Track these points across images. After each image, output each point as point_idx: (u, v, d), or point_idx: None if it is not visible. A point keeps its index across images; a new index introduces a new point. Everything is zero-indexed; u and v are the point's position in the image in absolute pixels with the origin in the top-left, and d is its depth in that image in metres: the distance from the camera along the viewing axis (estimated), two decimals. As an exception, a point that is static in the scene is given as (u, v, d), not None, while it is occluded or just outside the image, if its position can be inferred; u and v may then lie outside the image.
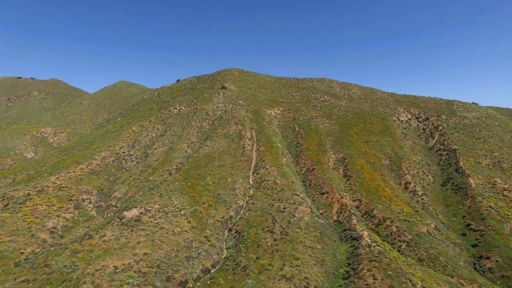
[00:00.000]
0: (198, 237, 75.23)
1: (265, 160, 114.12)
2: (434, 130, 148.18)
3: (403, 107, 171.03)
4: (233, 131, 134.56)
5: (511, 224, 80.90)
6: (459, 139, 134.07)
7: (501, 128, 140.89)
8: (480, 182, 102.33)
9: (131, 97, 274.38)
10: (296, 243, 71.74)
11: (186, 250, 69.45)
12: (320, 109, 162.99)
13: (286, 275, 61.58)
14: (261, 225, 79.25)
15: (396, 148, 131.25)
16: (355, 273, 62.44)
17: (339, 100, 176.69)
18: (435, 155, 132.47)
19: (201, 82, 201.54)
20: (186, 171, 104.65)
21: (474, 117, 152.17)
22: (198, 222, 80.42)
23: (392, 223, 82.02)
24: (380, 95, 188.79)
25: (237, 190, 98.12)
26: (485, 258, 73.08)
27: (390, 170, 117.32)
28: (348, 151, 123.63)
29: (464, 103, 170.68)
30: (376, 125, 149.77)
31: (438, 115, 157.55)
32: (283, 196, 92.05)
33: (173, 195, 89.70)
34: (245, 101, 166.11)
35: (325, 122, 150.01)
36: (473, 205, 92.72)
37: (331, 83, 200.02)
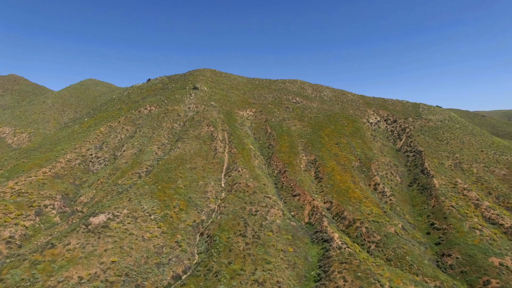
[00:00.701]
0: (168, 242, 73.51)
1: (237, 162, 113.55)
2: (401, 132, 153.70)
3: (373, 109, 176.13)
4: (205, 133, 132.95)
5: (469, 222, 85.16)
6: (425, 141, 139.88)
7: (462, 131, 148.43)
8: (443, 183, 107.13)
9: (99, 96, 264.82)
10: (268, 247, 71.79)
11: (156, 257, 67.64)
12: (292, 111, 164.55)
13: (258, 280, 61.41)
14: (233, 229, 78.69)
15: (366, 150, 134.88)
16: (326, 275, 63.32)
17: (311, 102, 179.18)
18: (402, 157, 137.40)
19: (172, 82, 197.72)
20: (156, 174, 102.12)
21: (438, 119, 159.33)
22: (169, 227, 78.61)
23: (362, 224, 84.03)
24: (351, 97, 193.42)
25: (209, 193, 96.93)
26: (446, 256, 76.51)
27: (360, 171, 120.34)
28: (320, 153, 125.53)
29: (429, 106, 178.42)
30: (346, 127, 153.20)
31: (405, 117, 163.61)
32: (255, 199, 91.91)
33: (143, 199, 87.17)
34: (217, 102, 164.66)
35: (297, 123, 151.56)
36: (437, 205, 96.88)
37: (303, 85, 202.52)
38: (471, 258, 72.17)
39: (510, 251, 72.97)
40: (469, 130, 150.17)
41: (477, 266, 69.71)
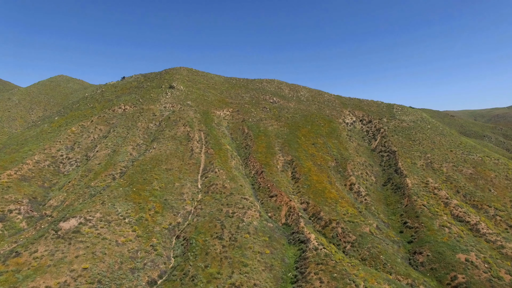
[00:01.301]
0: (144, 246, 71.95)
1: (214, 163, 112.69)
2: (376, 132, 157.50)
3: (349, 109, 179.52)
4: (181, 133, 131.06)
5: (439, 221, 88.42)
6: (398, 141, 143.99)
7: (433, 131, 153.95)
8: (415, 182, 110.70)
9: (70, 93, 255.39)
10: (245, 249, 71.64)
11: (130, 261, 66.01)
12: (269, 111, 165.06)
13: (235, 283, 61.15)
14: (210, 232, 78.00)
15: (342, 150, 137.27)
16: (303, 277, 63.94)
17: (288, 101, 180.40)
18: (377, 156, 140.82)
19: (148, 80, 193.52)
20: (131, 175, 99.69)
21: (410, 120, 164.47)
22: (144, 230, 76.94)
23: (338, 225, 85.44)
24: (327, 97, 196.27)
25: (185, 194, 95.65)
26: (418, 253, 79.12)
27: (336, 171, 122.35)
28: (297, 153, 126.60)
29: (403, 106, 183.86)
30: (323, 127, 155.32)
31: (380, 118, 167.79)
32: (232, 201, 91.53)
33: (117, 202, 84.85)
34: (193, 101, 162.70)
35: (274, 124, 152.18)
36: (410, 204, 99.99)
37: (280, 85, 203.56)
38: (440, 255, 74.95)
39: (474, 247, 76.38)
40: (440, 131, 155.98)
41: (446, 262, 72.48)
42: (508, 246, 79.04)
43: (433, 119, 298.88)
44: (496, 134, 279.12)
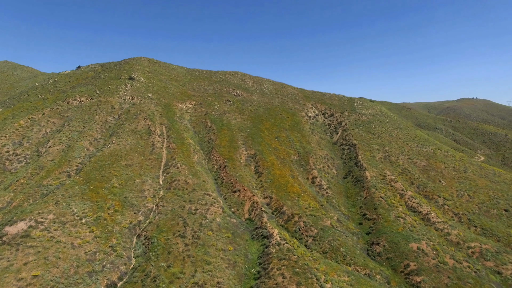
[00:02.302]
0: (102, 247, 69.13)
1: (176, 158, 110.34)
2: (338, 125, 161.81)
3: (311, 103, 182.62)
4: (142, 127, 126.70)
5: (395, 212, 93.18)
6: (359, 134, 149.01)
7: (391, 125, 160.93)
8: (374, 175, 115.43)
9: (18, 82, 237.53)
10: (208, 247, 71.22)
11: (88, 264, 63.22)
12: (232, 104, 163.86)
13: (198, 282, 60.72)
14: (172, 230, 76.58)
15: (304, 144, 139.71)
16: (266, 272, 64.78)
17: (251, 94, 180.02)
18: (338, 150, 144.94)
19: (106, 70, 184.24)
20: (88, 172, 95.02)
21: (370, 114, 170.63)
22: (103, 231, 73.88)
23: (300, 219, 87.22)
24: (291, 90, 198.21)
25: (146, 191, 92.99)
26: (375, 244, 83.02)
27: (299, 165, 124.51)
28: (260, 147, 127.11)
29: (363, 100, 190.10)
30: (286, 120, 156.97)
31: (341, 111, 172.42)
32: (195, 197, 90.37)
33: (73, 201, 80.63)
34: (155, 94, 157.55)
35: (237, 117, 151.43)
36: (368, 196, 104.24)
37: (243, 77, 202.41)
38: (395, 245, 79.15)
39: (425, 236, 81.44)
40: (397, 124, 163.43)
41: (400, 252, 76.71)
42: (453, 233, 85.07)
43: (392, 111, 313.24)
44: (446, 126, 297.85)
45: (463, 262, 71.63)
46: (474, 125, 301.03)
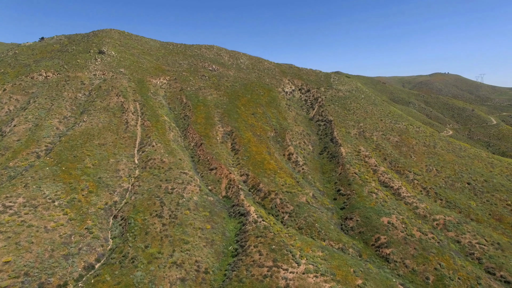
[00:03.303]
0: (78, 229, 68.20)
1: (151, 136, 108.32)
2: (314, 101, 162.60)
3: (288, 78, 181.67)
4: (114, 104, 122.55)
5: (368, 187, 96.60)
6: (334, 110, 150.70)
7: (366, 101, 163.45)
8: (349, 151, 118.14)
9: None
10: (186, 226, 71.80)
11: (63, 247, 62.43)
12: (208, 79, 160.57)
13: (177, 262, 61.57)
14: (149, 210, 76.37)
15: (281, 120, 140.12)
16: (243, 250, 66.39)
17: (227, 69, 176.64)
18: (314, 125, 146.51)
19: (73, 43, 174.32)
20: (58, 152, 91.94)
21: (346, 90, 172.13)
22: (77, 213, 72.63)
23: (276, 196, 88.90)
24: (267, 65, 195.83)
25: (121, 171, 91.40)
26: (349, 219, 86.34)
27: (275, 142, 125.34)
28: (236, 124, 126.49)
29: (339, 76, 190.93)
30: (263, 96, 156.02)
31: (318, 87, 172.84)
32: (171, 176, 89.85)
33: (44, 183, 78.31)
34: (127, 69, 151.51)
35: (213, 93, 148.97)
36: (343, 172, 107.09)
37: (219, 51, 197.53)
38: (367, 219, 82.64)
39: (395, 210, 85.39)
40: (372, 100, 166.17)
41: (372, 226, 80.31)
42: (421, 206, 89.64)
43: (367, 86, 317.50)
44: (419, 101, 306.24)
45: (428, 234, 76.05)
46: (444, 100, 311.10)
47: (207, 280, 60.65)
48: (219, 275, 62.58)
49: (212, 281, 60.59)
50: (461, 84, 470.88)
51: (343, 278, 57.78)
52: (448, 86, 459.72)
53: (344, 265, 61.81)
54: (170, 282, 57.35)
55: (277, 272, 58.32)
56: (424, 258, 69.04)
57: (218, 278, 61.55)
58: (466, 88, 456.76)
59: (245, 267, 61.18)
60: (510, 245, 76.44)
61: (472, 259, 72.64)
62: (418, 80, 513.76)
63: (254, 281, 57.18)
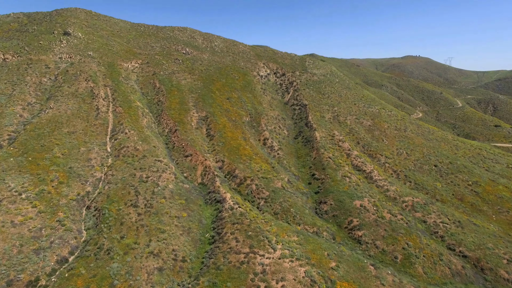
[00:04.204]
0: (48, 222, 66.28)
1: (124, 123, 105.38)
2: (289, 85, 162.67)
3: (263, 62, 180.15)
4: (84, 89, 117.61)
5: (342, 171, 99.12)
6: (309, 94, 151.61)
7: (340, 85, 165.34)
8: (323, 135, 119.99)
9: None
10: (162, 215, 71.40)
11: (33, 242, 60.67)
12: (182, 63, 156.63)
13: (154, 251, 61.42)
14: (123, 199, 75.13)
15: (256, 104, 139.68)
16: (220, 237, 67.04)
17: (201, 53, 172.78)
18: (289, 110, 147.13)
19: (33, 23, 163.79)
20: (24, 142, 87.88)
21: (321, 74, 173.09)
22: (47, 205, 70.39)
23: (252, 182, 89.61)
24: (242, 48, 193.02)
25: (93, 160, 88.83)
26: (323, 203, 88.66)
27: (251, 127, 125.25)
28: (211, 109, 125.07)
29: (314, 60, 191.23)
30: (237, 80, 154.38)
31: (293, 71, 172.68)
32: (146, 164, 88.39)
33: (8, 175, 74.99)
34: (96, 52, 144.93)
35: (187, 77, 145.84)
36: (317, 156, 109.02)
37: (193, 34, 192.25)
38: (341, 203, 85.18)
39: (367, 193, 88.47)
40: (346, 84, 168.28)
41: (345, 209, 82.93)
42: (391, 189, 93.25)
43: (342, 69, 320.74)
44: (391, 83, 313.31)
45: (398, 215, 79.58)
46: (415, 83, 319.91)
47: (185, 268, 61.06)
48: (196, 263, 63.11)
49: (190, 269, 61.08)
50: (431, 67, 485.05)
51: (317, 262, 59.78)
52: (419, 69, 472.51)
53: (318, 249, 63.83)
54: (147, 272, 57.30)
55: (253, 258, 59.47)
56: (393, 239, 72.41)
57: (195, 266, 62.09)
58: (435, 71, 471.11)
59: (222, 254, 61.94)
60: (469, 222, 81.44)
61: (436, 237, 76.89)
62: (391, 62, 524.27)
63: (231, 268, 58.10)
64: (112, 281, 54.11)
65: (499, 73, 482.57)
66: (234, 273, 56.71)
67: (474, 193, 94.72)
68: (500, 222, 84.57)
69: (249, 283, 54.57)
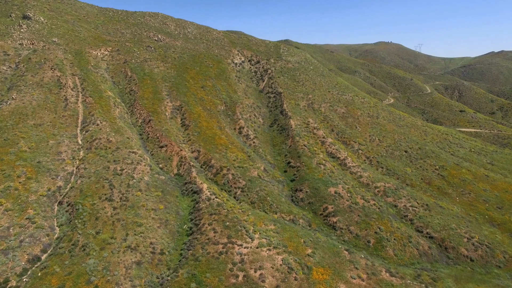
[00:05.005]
0: (17, 220, 63.84)
1: (95, 114, 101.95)
2: (264, 73, 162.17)
3: (237, 49, 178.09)
4: (49, 79, 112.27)
5: (317, 159, 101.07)
6: (284, 82, 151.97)
7: (314, 72, 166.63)
8: (298, 123, 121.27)
9: None
10: (138, 208, 70.56)
11: (0, 242, 58.41)
12: (154, 50, 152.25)
13: (131, 245, 60.83)
14: (98, 193, 73.44)
15: (231, 93, 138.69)
16: (198, 228, 67.21)
17: (174, 40, 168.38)
18: (264, 98, 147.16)
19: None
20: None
21: (295, 61, 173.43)
22: (15, 202, 67.62)
23: (228, 171, 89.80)
24: (216, 35, 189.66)
25: (64, 154, 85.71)
26: (299, 191, 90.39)
27: (226, 115, 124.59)
28: (185, 98, 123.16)
29: (289, 47, 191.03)
30: (212, 68, 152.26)
31: (267, 58, 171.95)
32: (119, 156, 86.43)
33: (-28, 171, 71.20)
34: (61, 38, 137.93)
35: (160, 65, 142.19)
36: (293, 144, 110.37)
37: (165, 20, 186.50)
38: (316, 190, 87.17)
39: (342, 180, 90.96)
40: (320, 72, 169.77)
41: (320, 196, 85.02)
42: (364, 175, 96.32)
43: (316, 55, 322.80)
44: (364, 70, 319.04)
45: (371, 201, 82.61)
46: (387, 69, 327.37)
47: (163, 261, 61.03)
48: (175, 255, 63.18)
49: (169, 262, 61.12)
50: (402, 53, 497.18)
51: (294, 249, 61.39)
52: (391, 55, 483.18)
53: (295, 237, 65.45)
54: (125, 267, 56.82)
55: (232, 248, 60.24)
56: (366, 224, 75.27)
57: (174, 258, 62.17)
58: (406, 57, 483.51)
59: (201, 245, 62.29)
60: (435, 205, 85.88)
61: (405, 220, 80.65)
62: (364, 48, 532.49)
63: (210, 258, 58.63)
64: (89, 277, 53.32)
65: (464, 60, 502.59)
66: (213, 264, 57.31)
67: (440, 177, 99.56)
68: (462, 204, 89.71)
69: (228, 273, 55.39)
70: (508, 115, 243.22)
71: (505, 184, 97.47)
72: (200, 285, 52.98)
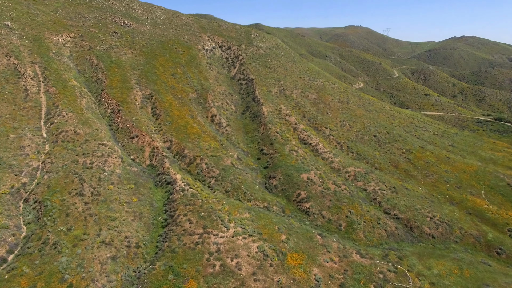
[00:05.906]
0: (-20, 220, 61.18)
1: (59, 104, 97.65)
2: (235, 59, 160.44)
3: (208, 35, 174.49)
4: (5, 67, 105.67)
5: (289, 146, 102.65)
6: (256, 68, 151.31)
7: (286, 58, 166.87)
8: (270, 110, 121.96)
9: None
10: (111, 202, 69.34)
11: (-35, 242, 55.96)
12: (121, 36, 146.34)
13: (105, 240, 60.05)
14: (67, 189, 71.33)
15: (202, 80, 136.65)
16: (173, 220, 67.24)
17: (142, 25, 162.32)
18: (236, 84, 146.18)
19: None
20: None
21: (267, 47, 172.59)
22: (-23, 201, 64.59)
23: (202, 161, 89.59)
24: (185, 20, 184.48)
25: (27, 148, 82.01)
26: (272, 178, 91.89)
27: (198, 103, 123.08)
28: (155, 87, 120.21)
29: (260, 32, 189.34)
30: (182, 55, 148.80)
31: (238, 44, 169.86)
32: (89, 149, 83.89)
33: None
34: (15, 22, 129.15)
35: (127, 52, 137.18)
36: (265, 132, 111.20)
37: (131, 4, 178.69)
38: (289, 177, 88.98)
39: (314, 166, 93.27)
40: (292, 57, 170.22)
41: (293, 183, 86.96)
42: (335, 160, 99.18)
43: (287, 39, 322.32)
44: (335, 54, 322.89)
45: (342, 186, 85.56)
46: (357, 53, 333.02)
47: (139, 254, 60.87)
48: (151, 247, 63.11)
49: (145, 255, 61.04)
50: (371, 37, 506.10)
51: (269, 236, 62.99)
52: (361, 38, 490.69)
53: (269, 224, 67.02)
54: (100, 263, 56.20)
55: (208, 239, 60.95)
56: (337, 208, 78.17)
57: (150, 251, 62.12)
58: (375, 41, 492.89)
59: (176, 236, 62.52)
60: (402, 187, 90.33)
61: (374, 203, 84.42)
62: (334, 32, 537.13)
63: (186, 249, 59.09)
64: (62, 276, 52.39)
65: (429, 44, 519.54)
66: (190, 255, 57.85)
67: (407, 160, 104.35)
68: (426, 185, 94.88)
69: (204, 263, 56.18)
70: (467, 98, 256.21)
71: (463, 164, 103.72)
72: (177, 277, 53.50)
